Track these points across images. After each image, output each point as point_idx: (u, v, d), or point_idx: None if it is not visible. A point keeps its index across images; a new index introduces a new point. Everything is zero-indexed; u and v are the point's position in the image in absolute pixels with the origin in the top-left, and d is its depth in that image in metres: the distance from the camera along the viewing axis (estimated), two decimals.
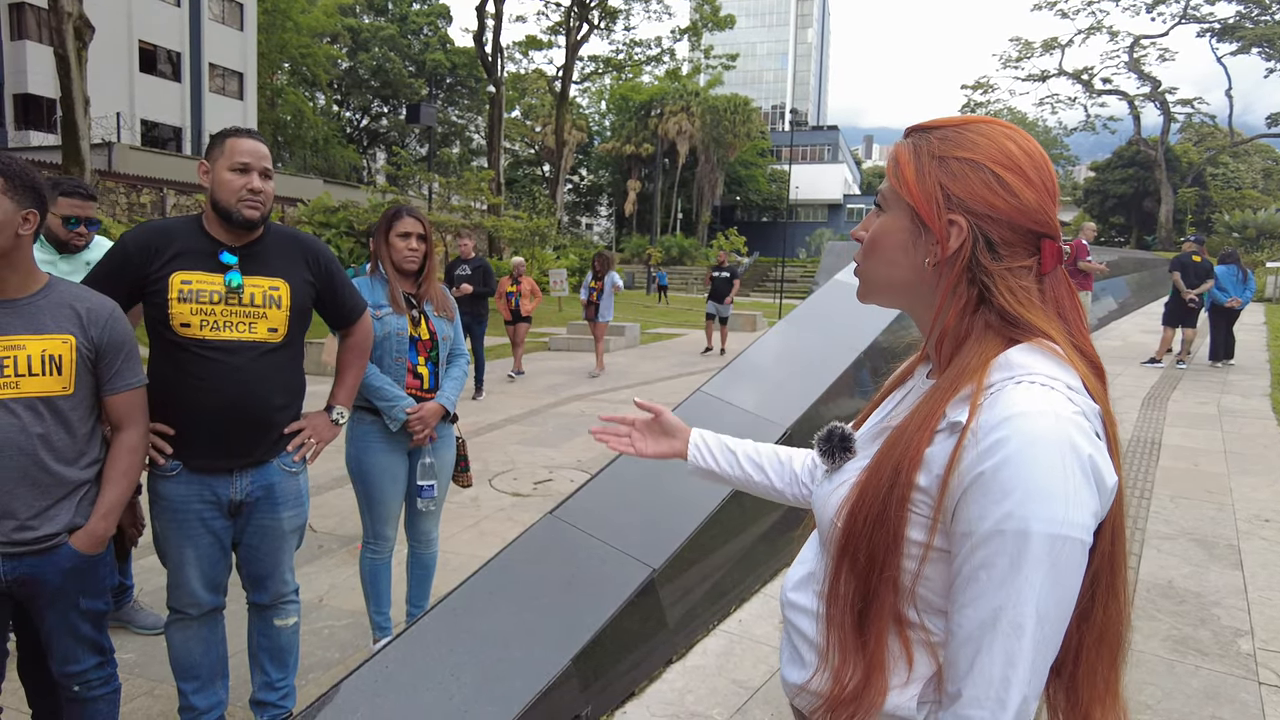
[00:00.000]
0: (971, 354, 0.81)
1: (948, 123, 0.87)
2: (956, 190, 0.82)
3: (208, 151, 2.04)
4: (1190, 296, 9.42)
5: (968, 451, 0.74)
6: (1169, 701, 2.54)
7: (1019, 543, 0.71)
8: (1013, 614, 0.71)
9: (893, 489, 0.79)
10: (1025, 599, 0.71)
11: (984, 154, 0.82)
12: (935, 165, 0.83)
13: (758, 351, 4.18)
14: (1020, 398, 0.74)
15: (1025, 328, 0.81)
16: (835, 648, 0.85)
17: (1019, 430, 0.72)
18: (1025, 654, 0.71)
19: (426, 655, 2.18)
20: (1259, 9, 40.47)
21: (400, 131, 48.84)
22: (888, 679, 0.82)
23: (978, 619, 0.73)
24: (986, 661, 0.72)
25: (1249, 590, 3.38)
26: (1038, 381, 0.76)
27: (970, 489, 0.74)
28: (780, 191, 55.73)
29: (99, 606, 1.88)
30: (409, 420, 2.65)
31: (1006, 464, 0.71)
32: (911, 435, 0.80)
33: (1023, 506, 0.70)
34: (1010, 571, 0.71)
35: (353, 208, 17.48)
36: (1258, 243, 34.93)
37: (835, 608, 0.84)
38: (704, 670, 2.65)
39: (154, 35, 28.47)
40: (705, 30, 36.96)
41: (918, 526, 0.79)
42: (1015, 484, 0.71)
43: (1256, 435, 6.24)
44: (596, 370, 10.24)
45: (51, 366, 1.73)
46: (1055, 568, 0.71)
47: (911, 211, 0.85)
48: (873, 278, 0.91)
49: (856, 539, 0.82)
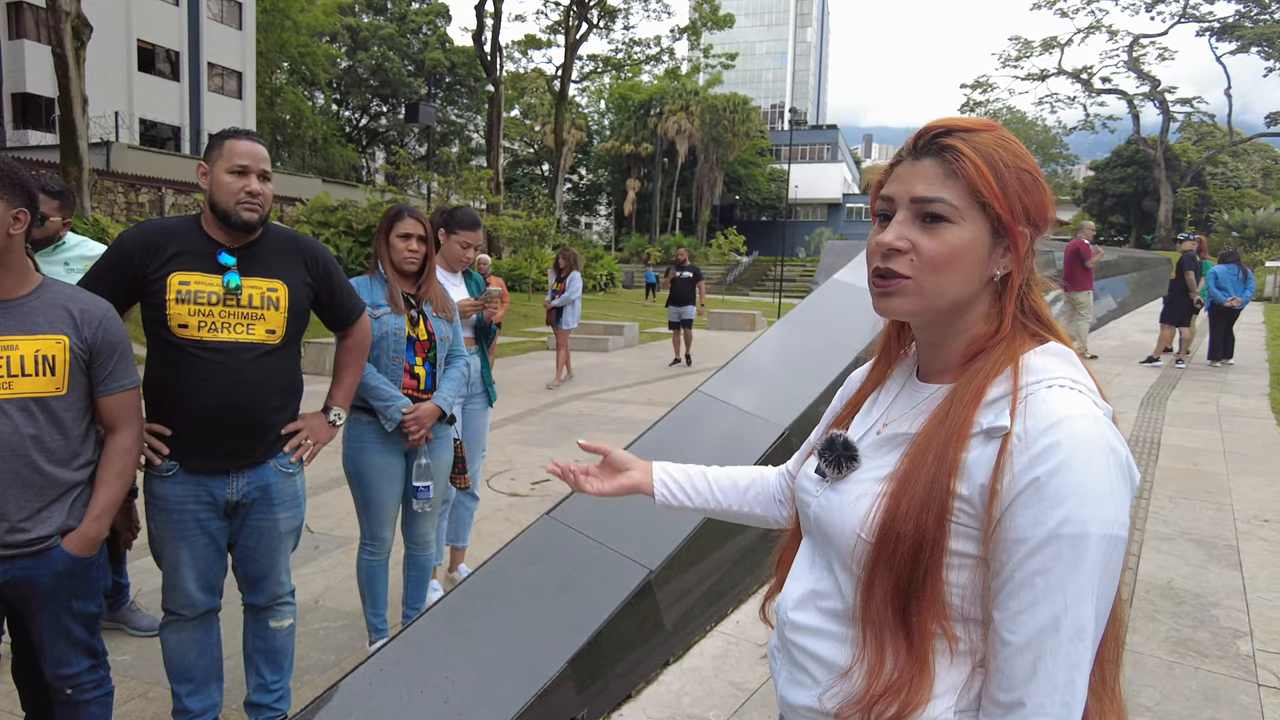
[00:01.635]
0: (1001, 354, 0.82)
1: (985, 125, 0.84)
2: (1029, 202, 0.83)
3: (206, 153, 2.03)
4: (1197, 295, 9.43)
5: (1017, 457, 0.74)
6: (1168, 703, 2.53)
7: (1078, 546, 0.71)
8: (1075, 617, 0.72)
9: (930, 498, 0.78)
10: (1086, 601, 0.72)
11: (1033, 165, 0.84)
12: (1013, 176, 0.82)
13: (757, 351, 4.17)
14: (1061, 402, 0.76)
15: (1046, 326, 0.85)
16: (871, 656, 0.83)
17: (1069, 434, 0.73)
18: (1087, 655, 0.72)
19: (422, 657, 2.17)
20: (1258, 8, 40.49)
21: (399, 130, 48.82)
22: (933, 681, 0.81)
23: (1036, 625, 0.73)
24: (1051, 667, 0.72)
25: (1248, 591, 3.37)
26: (1066, 385, 0.78)
27: (1023, 494, 0.74)
28: (779, 191, 55.73)
29: (91, 609, 1.87)
30: (404, 420, 2.64)
31: (1062, 469, 0.72)
32: (945, 441, 0.79)
33: (1080, 510, 0.71)
34: (1069, 575, 0.71)
35: (351, 207, 17.45)
36: (1257, 242, 34.97)
37: (870, 620, 0.83)
38: (701, 672, 2.64)
39: (152, 34, 28.42)
40: (704, 29, 36.92)
41: (963, 536, 0.78)
42: (1073, 488, 0.72)
43: (1256, 435, 6.23)
44: (555, 382, 9.13)
45: (45, 367, 1.72)
46: (1108, 568, 0.73)
47: (994, 224, 0.82)
48: (942, 294, 0.83)
49: (894, 549, 0.80)
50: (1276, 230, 35.79)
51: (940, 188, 0.81)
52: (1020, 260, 0.83)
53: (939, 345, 0.88)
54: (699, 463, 1.21)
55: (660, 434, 3.30)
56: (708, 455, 3.27)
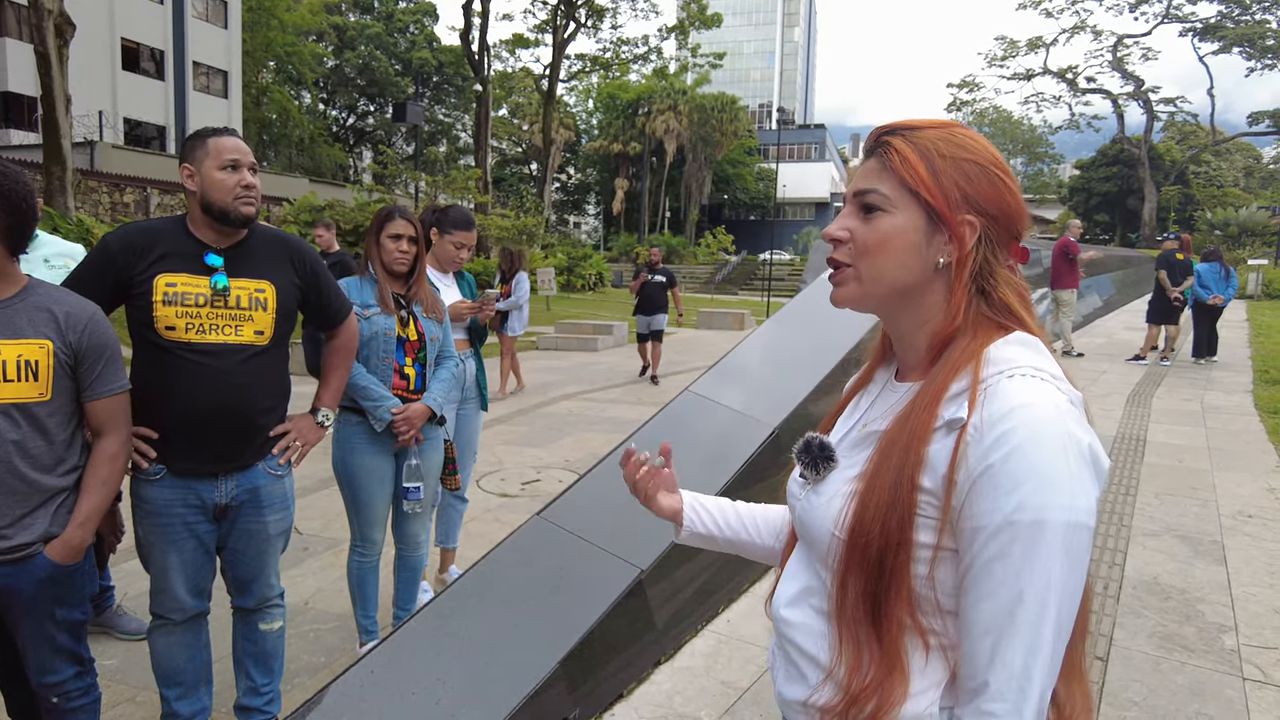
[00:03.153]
0: (964, 348, 0.83)
1: (934, 124, 0.88)
2: (972, 191, 0.84)
3: (187, 154, 2.00)
4: (1175, 294, 9.51)
5: (973, 447, 0.75)
6: (1154, 698, 2.56)
7: (1033, 532, 0.72)
8: (1031, 603, 0.72)
9: (896, 494, 0.79)
10: (1042, 587, 0.72)
11: (981, 157, 0.85)
12: (950, 165, 0.84)
13: (745, 350, 4.18)
14: (1017, 390, 0.76)
15: (1012, 318, 0.84)
16: (849, 654, 0.84)
17: (1024, 422, 0.73)
18: (1046, 642, 0.73)
19: (413, 659, 2.16)
20: (1240, 9, 40.91)
21: (387, 130, 48.59)
22: (908, 678, 0.81)
23: (995, 610, 0.74)
24: (1008, 652, 0.73)
25: (1233, 586, 3.41)
26: (1028, 374, 0.78)
27: (979, 483, 0.75)
28: (768, 190, 55.83)
29: (76, 616, 1.85)
30: (394, 421, 2.63)
31: (1015, 455, 0.73)
32: (909, 437, 0.80)
33: (1034, 496, 0.72)
34: (1025, 561, 0.72)
35: (339, 207, 17.38)
36: (1239, 240, 35.37)
37: (846, 616, 0.84)
38: (692, 671, 2.64)
39: (137, 33, 28.15)
40: (692, 29, 36.90)
41: (925, 529, 0.79)
42: (1025, 475, 0.72)
43: (1239, 431, 6.30)
44: (500, 393, 8.13)
45: (27, 372, 1.69)
46: (1069, 555, 0.72)
47: (927, 211, 0.84)
48: (879, 279, 0.87)
49: (863, 549, 0.81)
50: (1259, 228, 36.21)
51: (875, 180, 0.87)
52: (964, 248, 0.84)
53: (905, 340, 0.91)
54: (690, 463, 1.22)
55: (650, 434, 3.30)
56: (698, 455, 3.28)
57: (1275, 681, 2.67)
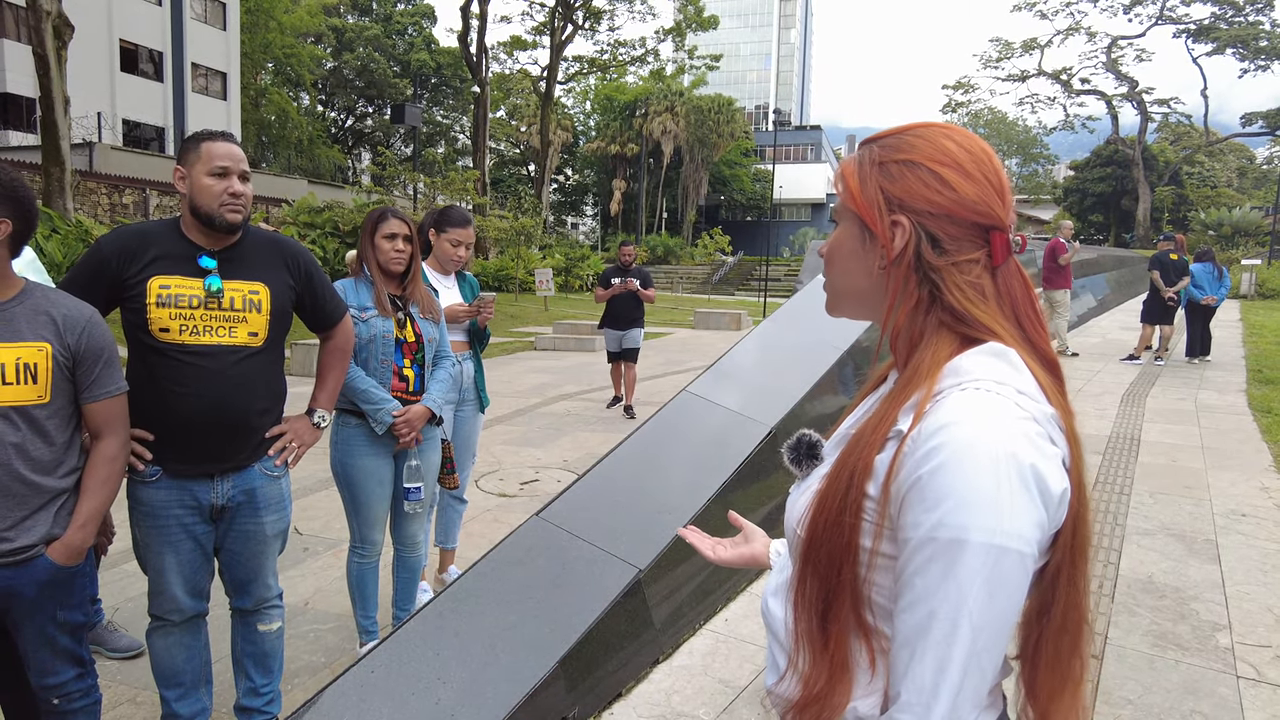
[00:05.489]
0: (923, 357, 0.82)
1: (891, 131, 0.89)
2: (895, 191, 0.84)
3: (181, 157, 2.01)
4: (1169, 294, 9.55)
5: (906, 459, 0.75)
6: (1149, 696, 2.58)
7: (951, 551, 0.70)
8: (944, 621, 0.70)
9: (846, 496, 0.79)
10: (956, 607, 0.70)
11: (920, 154, 0.84)
12: (876, 171, 0.85)
13: (742, 351, 4.20)
14: (960, 405, 0.74)
15: (975, 325, 0.81)
16: (803, 652, 0.85)
17: (953, 438, 0.72)
18: (956, 662, 0.70)
19: (412, 660, 2.17)
20: (1233, 10, 41.06)
21: (385, 131, 48.55)
22: (852, 682, 0.82)
23: (913, 623, 0.73)
24: (918, 667, 0.72)
25: (1226, 585, 3.43)
26: (984, 387, 0.75)
27: (908, 495, 0.73)
28: (764, 191, 55.86)
29: (77, 618, 1.86)
30: (395, 424, 2.64)
31: (939, 472, 0.71)
32: (864, 442, 0.81)
33: (954, 515, 0.70)
34: (942, 579, 0.71)
35: (338, 208, 17.35)
36: (1233, 240, 35.48)
37: (801, 613, 0.85)
38: (690, 670, 2.66)
39: (135, 34, 28.11)
40: (689, 31, 36.96)
41: (869, 534, 0.79)
42: (947, 492, 0.70)
43: (1232, 430, 6.33)
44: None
45: (26, 375, 1.70)
46: (990, 578, 0.70)
47: (859, 219, 0.86)
48: (833, 289, 0.93)
49: (817, 546, 0.82)
50: (1252, 228, 36.32)
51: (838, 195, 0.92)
52: (890, 250, 0.83)
53: (882, 342, 0.92)
54: (687, 463, 1.23)
55: (647, 434, 3.32)
56: (695, 455, 3.29)
57: (1269, 679, 2.69)
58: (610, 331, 7.47)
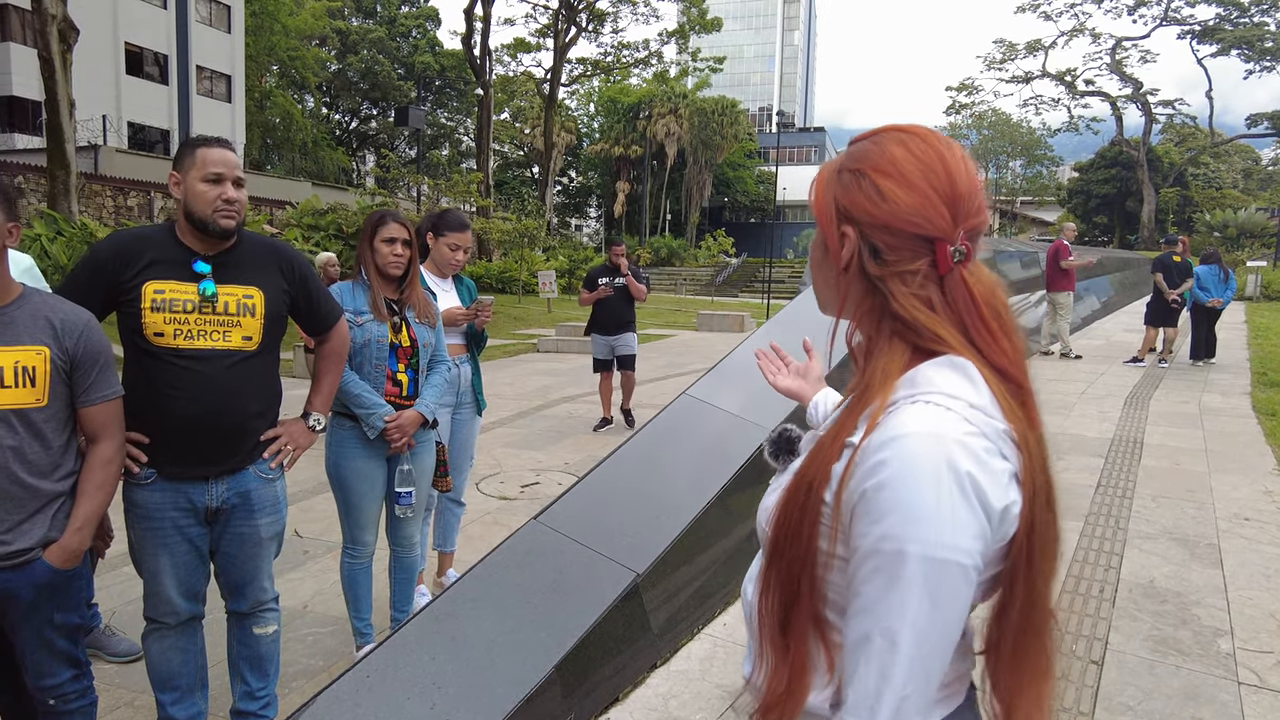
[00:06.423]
0: (877, 365, 0.83)
1: (863, 136, 0.89)
2: (844, 201, 0.85)
3: (177, 162, 2.03)
4: (1173, 297, 9.52)
5: (856, 469, 0.76)
6: (1149, 702, 2.56)
7: (895, 563, 0.72)
8: (885, 630, 0.72)
9: (806, 502, 0.81)
10: (899, 617, 0.72)
11: (868, 163, 0.84)
12: (834, 180, 0.86)
13: (744, 353, 4.19)
14: (908, 418, 0.75)
15: (924, 334, 0.81)
16: (767, 648, 0.86)
17: (899, 452, 0.73)
18: (898, 670, 0.72)
19: (408, 664, 2.17)
20: (1238, 11, 40.94)
21: (389, 134, 48.68)
22: (809, 680, 0.83)
23: (858, 631, 0.75)
24: (863, 672, 0.74)
25: (1229, 590, 3.41)
26: (934, 401, 0.76)
27: (856, 506, 0.75)
28: (768, 193, 55.84)
29: (74, 620, 1.87)
30: (386, 429, 2.64)
31: (885, 485, 0.73)
32: (823, 450, 0.82)
33: (898, 528, 0.72)
34: (885, 590, 0.72)
35: (341, 210, 17.41)
36: (1238, 242, 35.36)
37: (765, 615, 0.86)
38: (688, 675, 2.65)
39: (140, 37, 28.24)
40: (692, 33, 36.95)
41: (826, 537, 0.80)
42: (892, 505, 0.72)
43: (1236, 433, 6.30)
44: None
45: (25, 378, 1.71)
46: (932, 590, 0.71)
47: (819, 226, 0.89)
48: (815, 292, 0.95)
49: (780, 545, 0.83)
50: (1257, 230, 36.20)
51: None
52: (839, 260, 0.85)
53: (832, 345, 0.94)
54: (684, 466, 1.24)
55: (646, 437, 3.32)
56: (694, 458, 3.29)
57: (1271, 685, 2.67)
58: (598, 338, 6.74)
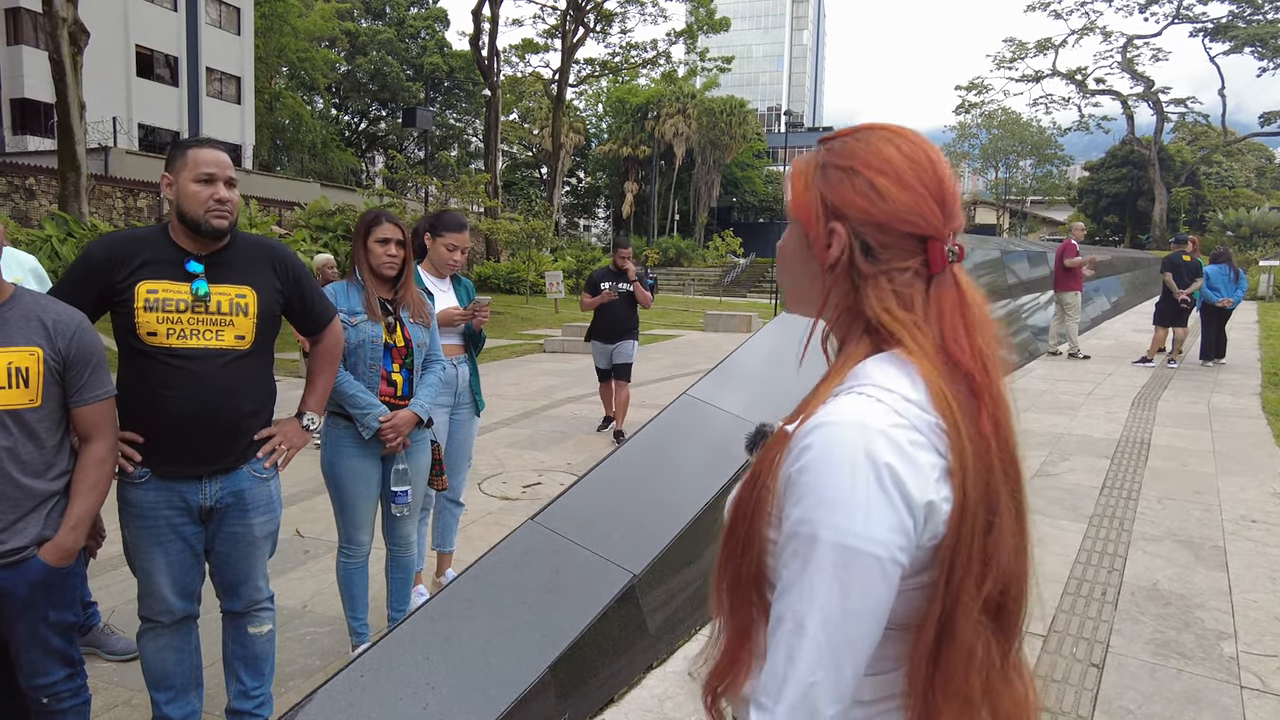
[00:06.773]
0: (839, 361, 0.84)
1: (841, 133, 0.88)
2: (833, 198, 0.84)
3: (169, 163, 2.04)
4: (1182, 296, 9.44)
5: (787, 455, 0.78)
6: (1150, 705, 2.54)
7: (808, 547, 0.73)
8: (795, 613, 0.73)
9: (756, 488, 0.82)
10: (805, 602, 0.73)
11: (859, 160, 0.83)
12: (818, 175, 0.85)
13: (746, 353, 4.18)
14: (837, 407, 0.76)
15: (883, 333, 0.82)
16: (721, 625, 0.87)
17: (821, 438, 0.74)
18: (804, 655, 0.72)
19: (403, 663, 2.17)
20: (1251, 8, 40.58)
21: (398, 135, 48.81)
22: (753, 663, 0.83)
23: (776, 612, 0.76)
24: (774, 654, 0.75)
25: (1233, 592, 3.38)
26: (867, 392, 0.77)
27: (785, 490, 0.77)
28: (776, 192, 55.70)
29: (68, 619, 1.88)
30: (381, 429, 2.65)
31: (806, 469, 0.74)
32: (776, 439, 0.83)
33: (813, 512, 0.73)
34: (800, 574, 0.74)
35: (350, 211, 17.47)
36: (1251, 241, 35.03)
37: (719, 594, 0.87)
38: (684, 676, 2.64)
39: (151, 40, 28.46)
40: (701, 33, 36.94)
41: (774, 526, 0.81)
42: (809, 489, 0.74)
43: (1245, 434, 6.24)
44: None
45: (18, 379, 1.72)
46: (841, 579, 0.72)
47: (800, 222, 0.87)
48: (784, 288, 0.94)
49: (734, 532, 0.84)
50: (1270, 229, 35.85)
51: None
52: (825, 256, 0.84)
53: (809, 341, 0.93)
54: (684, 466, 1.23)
55: (646, 438, 3.31)
56: (694, 458, 3.28)
57: (1274, 690, 2.65)
58: (598, 345, 6.51)
